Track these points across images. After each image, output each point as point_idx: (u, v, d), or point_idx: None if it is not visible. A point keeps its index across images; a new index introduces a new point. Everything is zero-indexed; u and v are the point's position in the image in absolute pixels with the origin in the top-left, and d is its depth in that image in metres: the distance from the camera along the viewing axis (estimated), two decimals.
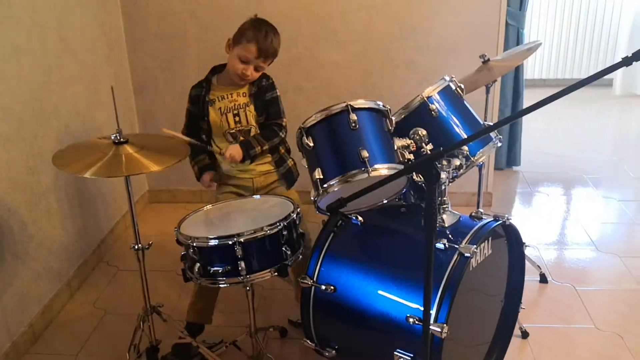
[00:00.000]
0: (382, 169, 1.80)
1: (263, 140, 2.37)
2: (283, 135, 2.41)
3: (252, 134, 2.40)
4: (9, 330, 2.39)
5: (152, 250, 2.20)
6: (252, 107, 2.38)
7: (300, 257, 2.09)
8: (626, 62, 1.32)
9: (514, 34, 3.72)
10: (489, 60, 2.55)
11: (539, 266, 2.87)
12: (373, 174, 1.77)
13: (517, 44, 3.73)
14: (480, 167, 2.64)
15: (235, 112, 2.38)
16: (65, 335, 2.58)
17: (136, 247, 2.18)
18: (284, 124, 2.42)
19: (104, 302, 2.81)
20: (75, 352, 2.47)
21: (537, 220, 3.50)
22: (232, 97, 2.38)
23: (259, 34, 2.28)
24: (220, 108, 2.38)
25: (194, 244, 1.95)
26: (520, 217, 3.54)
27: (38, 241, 2.60)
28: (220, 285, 2.01)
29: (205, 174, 2.45)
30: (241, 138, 2.39)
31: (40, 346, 2.51)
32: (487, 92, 2.61)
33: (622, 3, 5.47)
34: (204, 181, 2.45)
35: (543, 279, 2.84)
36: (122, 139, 2.04)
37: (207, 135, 2.44)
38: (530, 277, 2.76)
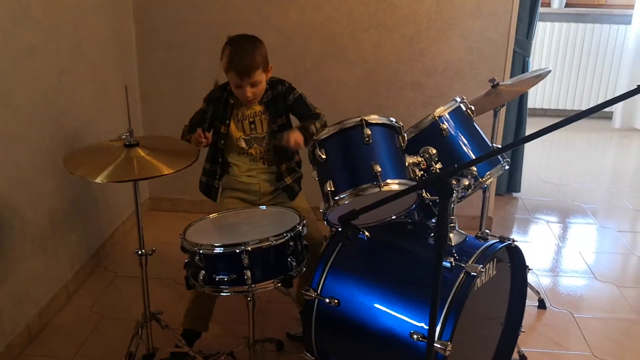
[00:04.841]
0: (394, 184, 1.81)
1: (312, 120, 2.35)
2: (324, 119, 2.38)
3: (265, 140, 2.41)
4: (4, 329, 2.37)
5: (149, 258, 2.20)
6: (266, 116, 2.39)
7: (304, 269, 2.09)
8: None
9: (519, 62, 3.77)
10: (498, 84, 2.59)
11: (537, 291, 2.88)
12: (384, 188, 1.79)
13: (523, 72, 3.77)
14: (484, 190, 2.66)
15: (252, 119, 2.40)
16: (61, 338, 2.56)
17: (140, 252, 2.18)
18: (318, 111, 2.41)
19: (101, 307, 2.79)
20: (70, 355, 2.45)
21: (536, 247, 3.51)
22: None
23: (232, 60, 2.26)
24: (237, 114, 2.40)
25: (200, 251, 1.95)
26: (519, 243, 3.54)
27: (39, 242, 2.59)
28: (223, 294, 2.00)
29: (197, 129, 2.30)
30: (255, 145, 2.41)
31: (36, 347, 2.50)
32: (495, 116, 2.63)
33: (625, 37, 5.55)
34: (197, 136, 2.27)
35: (541, 305, 2.85)
36: (132, 141, 2.05)
37: (223, 142, 2.41)
38: (529, 302, 2.76)
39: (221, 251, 1.93)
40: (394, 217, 2.02)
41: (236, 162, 2.45)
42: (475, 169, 1.99)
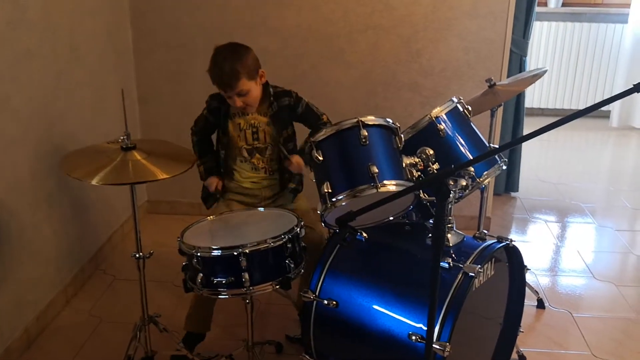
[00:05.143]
0: (391, 185, 1.81)
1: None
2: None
3: (267, 151, 2.42)
4: (3, 334, 2.37)
5: (147, 260, 2.20)
6: (271, 128, 2.39)
7: (303, 271, 2.09)
8: (638, 88, 1.36)
9: (516, 62, 3.77)
10: (495, 84, 2.58)
11: (536, 291, 2.88)
12: (382, 189, 1.79)
13: (520, 72, 3.77)
14: (482, 190, 2.65)
15: (255, 129, 2.39)
16: (59, 342, 2.56)
17: (137, 255, 2.18)
18: (325, 120, 2.45)
19: (99, 311, 2.79)
20: (69, 359, 2.45)
21: (534, 247, 3.51)
22: (253, 115, 2.39)
23: (213, 73, 2.26)
24: (240, 123, 2.40)
25: (198, 254, 1.94)
26: (517, 243, 3.54)
27: (37, 246, 2.59)
28: (221, 297, 2.00)
29: (213, 177, 2.45)
30: (257, 155, 2.42)
31: (34, 351, 2.49)
32: (492, 115, 2.63)
33: (621, 36, 5.56)
34: (210, 184, 2.45)
35: (540, 304, 2.85)
36: (129, 144, 2.05)
37: (224, 149, 2.45)
38: (528, 302, 2.76)
39: (219, 254, 1.93)
40: (391, 218, 2.02)
41: (239, 169, 2.47)
42: (472, 169, 1.99)
